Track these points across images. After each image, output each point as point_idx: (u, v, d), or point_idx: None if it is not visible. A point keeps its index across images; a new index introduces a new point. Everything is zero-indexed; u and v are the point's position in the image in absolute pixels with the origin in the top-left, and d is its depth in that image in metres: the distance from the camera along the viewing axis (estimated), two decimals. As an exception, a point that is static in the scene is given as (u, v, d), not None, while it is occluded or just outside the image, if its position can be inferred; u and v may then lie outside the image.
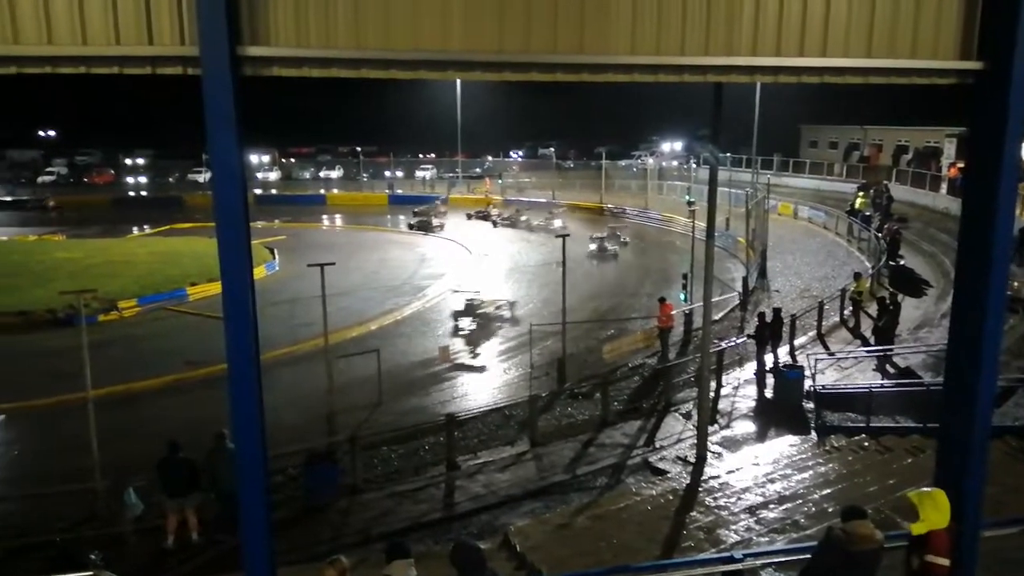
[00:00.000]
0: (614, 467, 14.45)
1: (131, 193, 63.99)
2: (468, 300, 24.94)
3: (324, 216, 53.72)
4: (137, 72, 5.85)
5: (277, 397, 14.03)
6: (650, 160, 61.48)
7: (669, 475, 13.70)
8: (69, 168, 72.62)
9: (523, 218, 45.57)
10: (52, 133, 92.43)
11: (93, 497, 12.63)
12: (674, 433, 15.90)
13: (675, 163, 65.41)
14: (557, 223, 42.47)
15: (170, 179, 68.45)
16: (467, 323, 24.14)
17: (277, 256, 35.09)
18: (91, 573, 6.38)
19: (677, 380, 18.48)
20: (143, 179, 69.92)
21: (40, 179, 66.92)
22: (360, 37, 5.81)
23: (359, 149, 73.92)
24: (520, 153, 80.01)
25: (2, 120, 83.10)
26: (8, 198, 59.46)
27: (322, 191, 62.69)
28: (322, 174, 70.69)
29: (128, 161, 76.96)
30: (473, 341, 23.07)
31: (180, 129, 75.08)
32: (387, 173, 69.22)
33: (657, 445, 15.35)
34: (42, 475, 14.38)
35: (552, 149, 72.17)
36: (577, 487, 13.76)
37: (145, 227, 47.74)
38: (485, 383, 20.10)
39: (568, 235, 21.49)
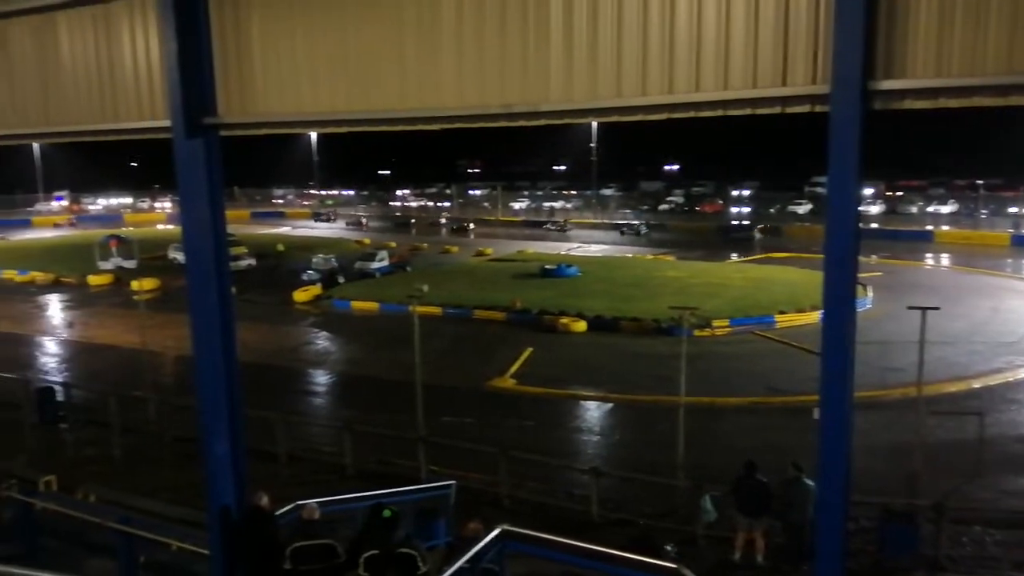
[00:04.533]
0: None
1: (733, 222, 68.71)
2: None
3: (928, 254, 48.94)
4: (767, 111, 6.27)
5: (857, 441, 13.33)
6: None
7: None
8: (685, 198, 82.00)
9: None
10: (676, 167, 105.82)
11: (673, 493, 13.99)
12: None
13: None
14: None
15: (771, 210, 71.27)
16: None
17: (870, 293, 33.35)
18: (673, 566, 7.06)
19: None
20: (746, 209, 74.42)
21: (660, 207, 77.20)
22: (1015, 60, 5.12)
23: (979, 182, 65.09)
24: None
25: (638, 157, 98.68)
26: (636, 222, 70.29)
27: (929, 227, 57.20)
28: (931, 209, 64.50)
29: (735, 193, 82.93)
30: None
31: (783, 164, 77.75)
32: (1012, 209, 59.34)
33: None
34: (634, 461, 16.50)
35: None
36: None
37: (742, 254, 50.80)
38: None
39: None
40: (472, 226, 70.34)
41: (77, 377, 24.13)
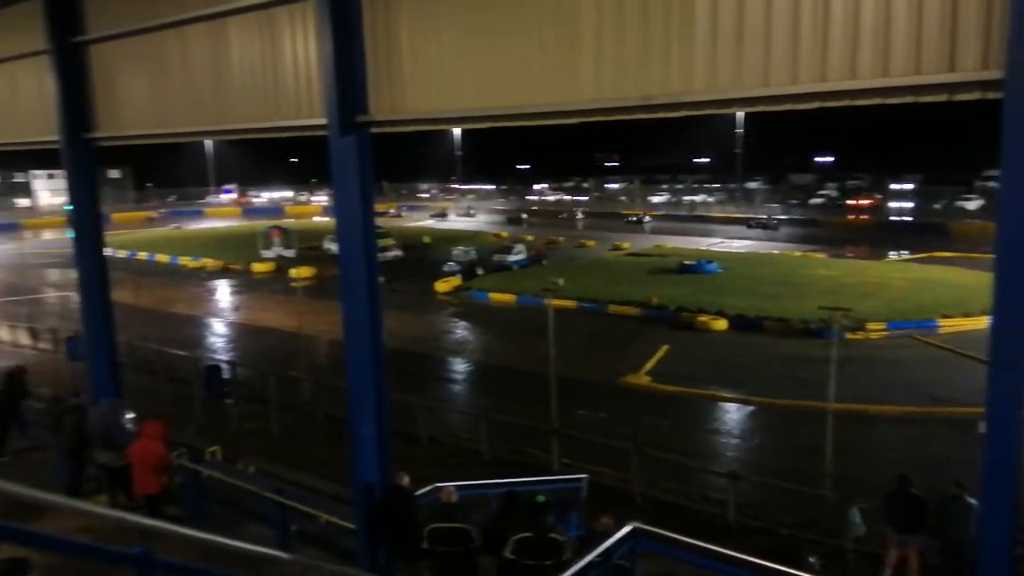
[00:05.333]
0: None
1: (893, 217, 64.26)
2: None
3: None
4: (931, 99, 5.82)
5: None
6: None
7: None
8: (839, 192, 77.45)
9: None
10: (829, 159, 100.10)
11: (818, 503, 13.30)
12: None
13: None
14: None
15: (936, 205, 66.02)
16: None
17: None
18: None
19: None
20: (907, 204, 69.35)
21: (811, 201, 73.32)
22: None
23: None
24: None
25: (787, 148, 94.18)
26: (783, 216, 67.20)
27: None
28: None
29: (894, 186, 77.43)
30: None
31: (951, 156, 71.68)
32: None
33: None
34: (775, 467, 15.83)
35: None
36: None
37: (903, 252, 47.39)
38: None
39: None
40: (526, 216, 75.40)
41: (241, 356, 26.18)
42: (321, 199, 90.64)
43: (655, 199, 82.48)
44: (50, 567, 3.98)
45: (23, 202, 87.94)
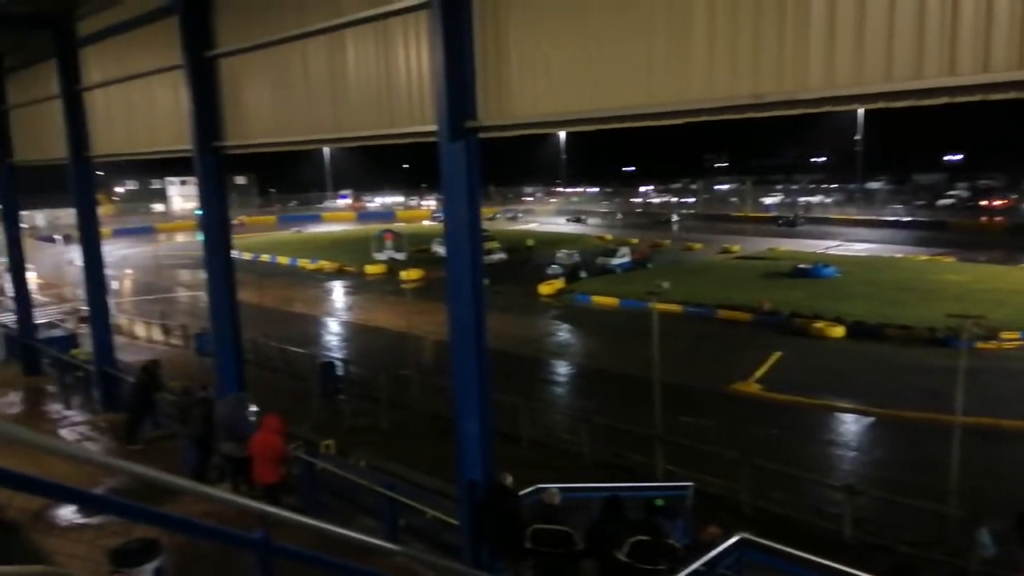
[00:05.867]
0: None
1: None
2: None
3: None
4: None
5: None
6: None
7: None
8: (969, 192, 72.50)
9: None
10: (958, 158, 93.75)
11: (942, 521, 12.51)
12: None
13: None
14: None
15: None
16: None
17: None
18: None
19: None
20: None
21: (938, 202, 68.92)
22: None
23: None
24: None
25: (912, 146, 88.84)
26: (907, 218, 63.46)
27: None
28: None
29: (1034, 185, 71.73)
30: None
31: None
32: None
33: None
34: (895, 483, 14.99)
35: None
36: None
37: None
38: None
39: None
40: (584, 216, 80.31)
41: (353, 354, 27.18)
42: (430, 203, 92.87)
43: (767, 200, 79.70)
44: (179, 547, 4.27)
45: (158, 207, 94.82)
